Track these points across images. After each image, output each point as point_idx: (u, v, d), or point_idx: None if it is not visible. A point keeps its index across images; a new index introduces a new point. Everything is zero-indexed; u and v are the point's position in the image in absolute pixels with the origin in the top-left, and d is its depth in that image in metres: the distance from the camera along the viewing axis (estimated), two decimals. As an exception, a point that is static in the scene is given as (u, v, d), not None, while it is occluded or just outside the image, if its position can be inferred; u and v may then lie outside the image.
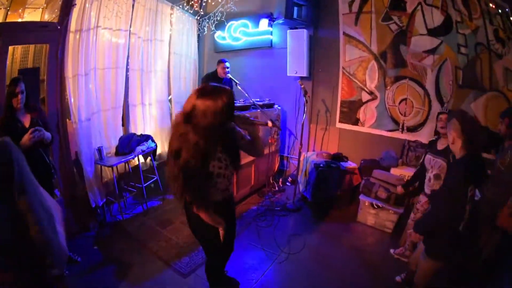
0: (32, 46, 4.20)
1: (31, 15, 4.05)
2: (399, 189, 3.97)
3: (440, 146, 3.42)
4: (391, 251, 3.93)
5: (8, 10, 3.87)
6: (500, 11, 4.00)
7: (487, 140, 4.08)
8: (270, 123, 2.55)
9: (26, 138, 2.92)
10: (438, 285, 2.82)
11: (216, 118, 2.03)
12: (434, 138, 3.69)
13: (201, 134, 2.01)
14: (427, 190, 3.47)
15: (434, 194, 3.26)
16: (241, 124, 2.46)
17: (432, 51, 4.61)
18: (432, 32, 4.57)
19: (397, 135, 5.11)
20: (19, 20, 3.95)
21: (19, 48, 4.16)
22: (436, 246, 2.56)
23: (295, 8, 5.22)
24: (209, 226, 2.35)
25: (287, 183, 6.12)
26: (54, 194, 3.53)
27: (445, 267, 2.63)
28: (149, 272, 3.55)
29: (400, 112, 5.07)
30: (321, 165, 4.99)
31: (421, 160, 3.78)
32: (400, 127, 5.09)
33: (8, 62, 3.74)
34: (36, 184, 1.68)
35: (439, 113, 3.56)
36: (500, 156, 3.24)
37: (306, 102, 5.03)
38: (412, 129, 4.98)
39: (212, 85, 2.18)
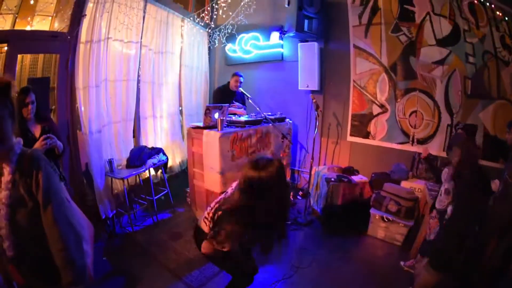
0: (41, 55, 4.24)
1: (40, 24, 4.08)
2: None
3: None
4: (401, 263, 3.90)
5: (16, 17, 3.90)
6: (506, 18, 4.01)
7: (494, 149, 4.11)
8: None
9: (38, 145, 2.90)
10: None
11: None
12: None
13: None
14: (437, 205, 3.44)
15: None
16: None
17: (441, 62, 4.61)
18: (440, 43, 4.57)
19: (407, 147, 5.08)
20: (28, 27, 3.97)
21: (28, 56, 4.19)
22: (440, 259, 2.54)
23: (306, 21, 5.23)
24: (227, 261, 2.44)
25: (298, 197, 6.07)
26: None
27: (447, 279, 2.61)
28: (158, 285, 3.52)
29: (410, 125, 5.05)
30: (332, 179, 4.95)
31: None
32: (410, 139, 5.06)
33: (17, 69, 3.78)
34: (63, 198, 1.66)
35: (455, 127, 3.57)
36: (508, 167, 3.22)
37: (318, 116, 5.02)
38: (422, 141, 4.95)
39: (262, 176, 2.13)
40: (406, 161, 5.03)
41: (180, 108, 6.36)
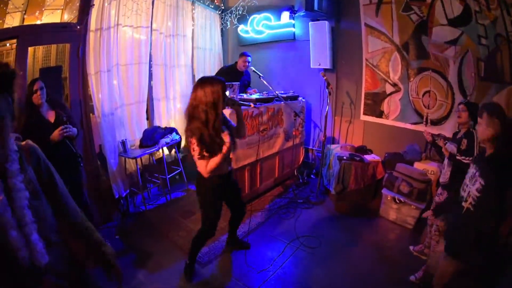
0: (54, 46, 4.36)
1: (49, 17, 4.15)
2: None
3: (459, 135, 3.38)
4: (411, 248, 3.86)
5: (24, 14, 4.00)
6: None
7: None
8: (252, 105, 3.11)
9: (56, 134, 3.16)
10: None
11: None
12: (457, 130, 3.60)
13: None
14: (441, 178, 3.41)
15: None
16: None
17: (453, 42, 4.46)
18: (452, 23, 4.42)
19: (421, 128, 4.95)
20: (38, 22, 4.07)
21: (40, 48, 4.31)
22: (456, 243, 2.44)
23: (316, 0, 5.17)
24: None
25: (312, 176, 6.11)
26: (82, 183, 3.74)
27: (465, 268, 2.53)
28: (168, 261, 3.66)
29: (423, 105, 4.94)
30: (344, 157, 4.95)
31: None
32: (424, 119, 4.96)
33: (30, 61, 3.92)
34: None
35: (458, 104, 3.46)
36: None
37: (329, 94, 4.99)
38: (436, 122, 4.85)
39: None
40: (420, 142, 4.93)
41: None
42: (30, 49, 3.85)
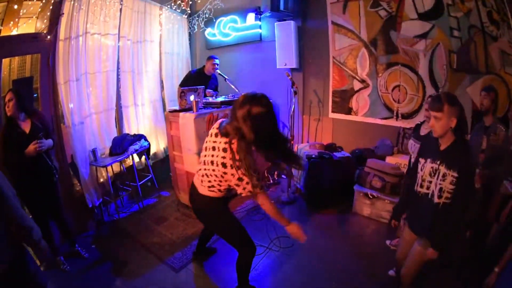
0: (28, 56, 4.33)
1: (22, 28, 4.09)
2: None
3: (423, 131, 3.34)
4: (387, 242, 3.87)
5: (0, 25, 3.94)
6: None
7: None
8: None
9: (31, 149, 3.14)
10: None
11: None
12: (419, 122, 3.57)
13: None
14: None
15: None
16: None
17: (423, 36, 4.53)
18: (423, 17, 4.48)
19: (392, 122, 5.05)
20: (14, 32, 4.02)
21: (16, 59, 4.28)
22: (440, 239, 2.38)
23: (282, 0, 5.20)
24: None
25: (282, 176, 6.09)
26: (59, 197, 3.72)
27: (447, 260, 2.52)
28: (143, 268, 3.65)
29: (393, 99, 5.01)
30: (313, 156, 4.95)
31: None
32: (395, 114, 5.03)
33: (6, 73, 3.96)
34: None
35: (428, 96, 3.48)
36: (490, 134, 3.18)
37: (295, 93, 4.99)
38: (407, 116, 4.91)
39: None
40: (391, 136, 4.99)
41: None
42: (5, 60, 3.88)
